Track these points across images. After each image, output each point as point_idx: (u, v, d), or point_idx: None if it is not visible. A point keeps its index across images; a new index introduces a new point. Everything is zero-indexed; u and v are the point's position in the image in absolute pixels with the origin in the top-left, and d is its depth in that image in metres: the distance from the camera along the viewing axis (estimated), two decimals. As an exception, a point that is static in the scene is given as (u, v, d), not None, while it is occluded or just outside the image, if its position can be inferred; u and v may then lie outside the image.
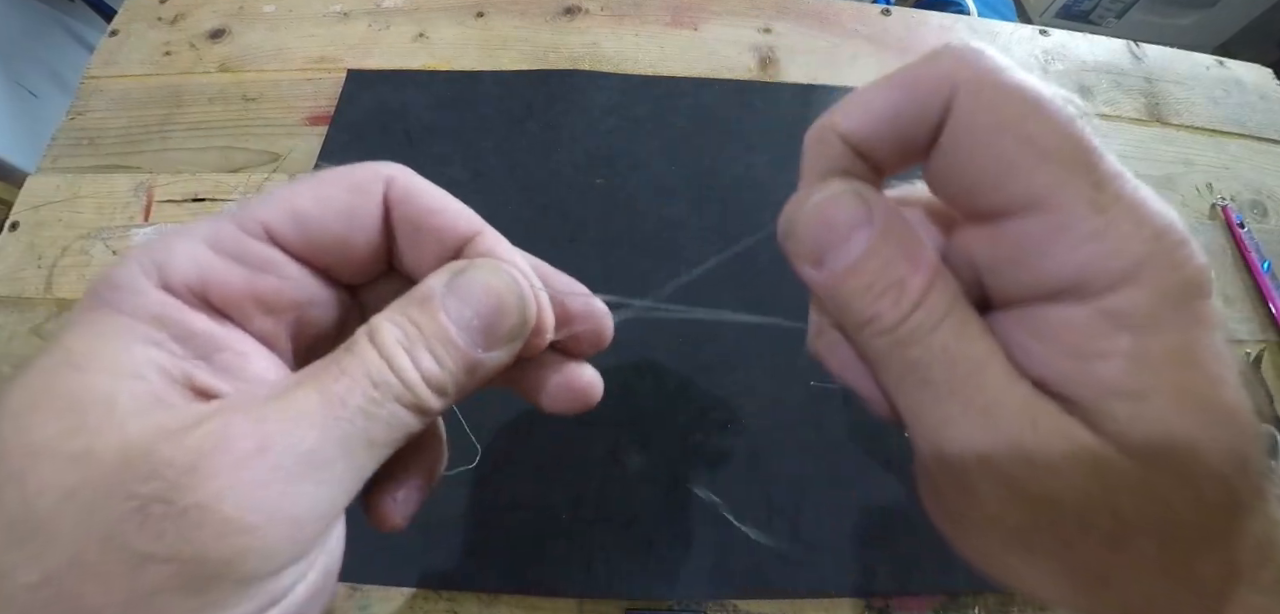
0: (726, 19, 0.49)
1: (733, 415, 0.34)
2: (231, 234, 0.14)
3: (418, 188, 0.15)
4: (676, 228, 0.39)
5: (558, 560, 0.30)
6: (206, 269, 0.13)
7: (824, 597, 0.30)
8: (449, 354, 0.13)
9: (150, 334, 0.13)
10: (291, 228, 0.14)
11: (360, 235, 0.15)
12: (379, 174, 0.15)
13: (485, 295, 0.14)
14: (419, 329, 0.13)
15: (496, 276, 0.14)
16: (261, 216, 0.14)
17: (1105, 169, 0.12)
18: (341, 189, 0.15)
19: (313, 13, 0.47)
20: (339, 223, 0.14)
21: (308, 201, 0.14)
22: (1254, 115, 0.48)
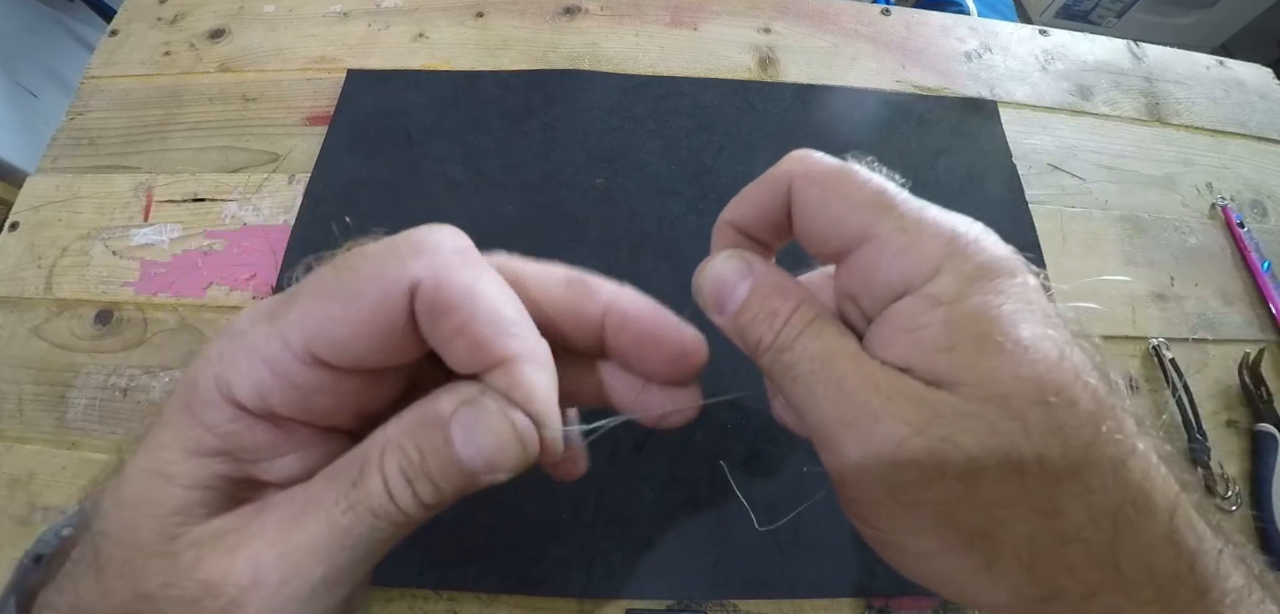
0: (726, 19, 0.49)
1: (733, 416, 0.34)
2: (283, 360, 0.15)
3: (445, 301, 0.15)
4: (676, 228, 0.39)
5: (558, 561, 0.30)
6: (267, 393, 0.15)
7: (824, 597, 0.30)
8: (449, 480, 0.15)
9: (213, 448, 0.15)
10: (332, 354, 0.15)
11: (396, 353, 0.15)
12: (402, 281, 0.15)
13: (489, 439, 0.15)
14: (423, 457, 0.15)
15: (501, 425, 0.15)
16: (303, 340, 0.15)
17: (903, 205, 0.17)
18: (369, 309, 0.15)
19: (313, 13, 0.47)
20: (370, 346, 0.15)
21: (339, 328, 0.15)
22: (1254, 115, 0.48)
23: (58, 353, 0.35)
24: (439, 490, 0.15)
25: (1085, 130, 0.46)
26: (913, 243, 0.16)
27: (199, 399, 0.15)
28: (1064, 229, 0.41)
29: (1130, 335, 0.38)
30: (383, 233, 0.16)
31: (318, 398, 0.15)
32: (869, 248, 0.16)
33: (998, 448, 0.14)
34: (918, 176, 0.42)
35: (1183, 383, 0.36)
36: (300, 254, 0.37)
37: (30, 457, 0.32)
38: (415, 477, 0.15)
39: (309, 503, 0.15)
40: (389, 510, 0.15)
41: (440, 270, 0.15)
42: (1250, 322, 0.40)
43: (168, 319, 0.36)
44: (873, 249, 0.16)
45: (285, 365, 0.15)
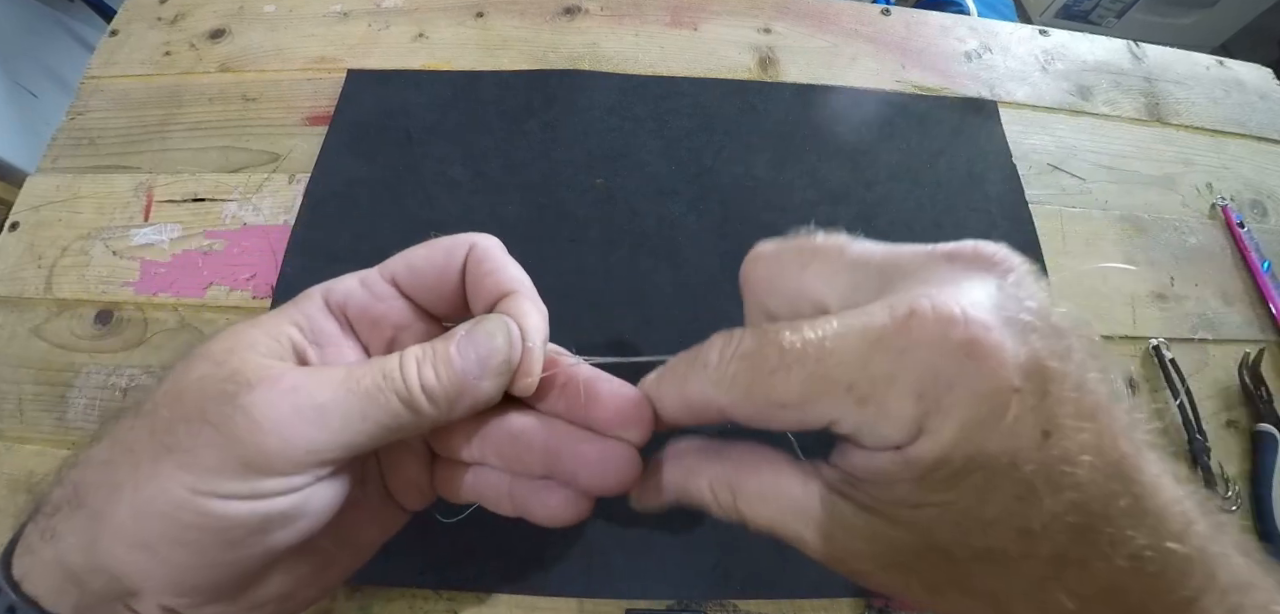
0: (726, 19, 0.49)
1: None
2: (374, 278, 0.22)
3: (486, 253, 0.21)
4: (676, 228, 0.39)
5: (558, 560, 0.30)
6: (348, 297, 0.22)
7: (824, 597, 0.30)
8: (448, 374, 0.19)
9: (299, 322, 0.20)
10: (406, 276, 0.22)
11: (446, 282, 0.22)
12: (465, 241, 0.22)
13: (485, 339, 0.19)
14: (433, 352, 0.19)
15: (497, 328, 0.20)
16: (393, 269, 0.22)
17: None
18: (440, 252, 0.22)
19: (313, 13, 0.47)
20: (433, 273, 0.22)
21: (419, 260, 0.22)
22: (1254, 115, 0.48)
23: (58, 353, 0.35)
24: (439, 377, 0.18)
25: (1085, 130, 0.46)
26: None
27: (304, 298, 0.21)
28: (1064, 229, 0.41)
29: (1130, 335, 0.38)
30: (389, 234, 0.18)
31: (378, 307, 0.22)
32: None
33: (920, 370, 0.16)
34: (918, 177, 0.42)
35: (1183, 383, 0.36)
36: (300, 254, 0.37)
37: (30, 457, 0.32)
38: (424, 360, 0.19)
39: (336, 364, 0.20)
40: (394, 375, 0.18)
41: (489, 243, 0.22)
42: (1250, 321, 0.40)
43: (168, 319, 0.36)
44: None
45: (372, 282, 0.22)
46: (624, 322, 0.36)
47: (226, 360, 0.18)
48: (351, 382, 0.18)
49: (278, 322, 0.20)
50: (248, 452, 0.17)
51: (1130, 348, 0.38)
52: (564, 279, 0.37)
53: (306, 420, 0.17)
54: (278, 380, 0.17)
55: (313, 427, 0.17)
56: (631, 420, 0.20)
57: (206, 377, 0.18)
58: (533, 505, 0.22)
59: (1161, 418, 0.36)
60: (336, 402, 0.17)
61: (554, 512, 0.22)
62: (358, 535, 0.23)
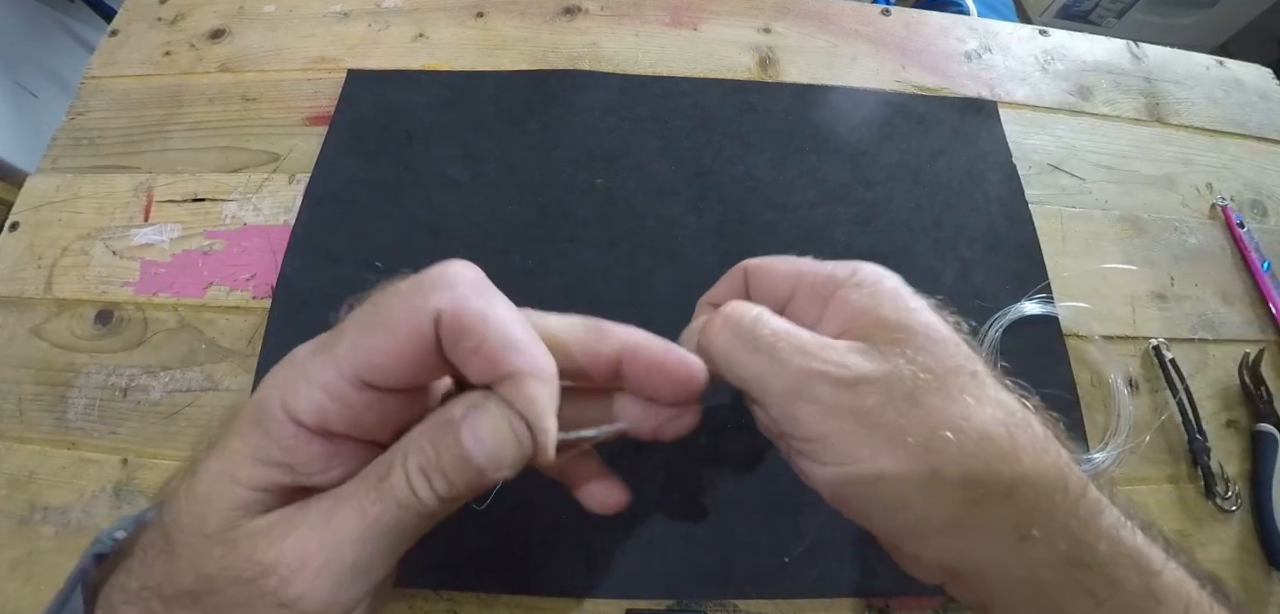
0: (726, 19, 0.49)
1: (733, 416, 0.33)
2: (337, 384, 0.18)
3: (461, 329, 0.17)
4: (676, 228, 0.39)
5: (558, 561, 0.30)
6: (323, 413, 0.18)
7: (824, 597, 0.30)
8: (460, 474, 0.18)
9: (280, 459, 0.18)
10: (374, 376, 0.18)
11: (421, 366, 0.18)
12: (428, 313, 0.17)
13: (491, 436, 0.18)
14: (438, 455, 0.18)
15: (502, 424, 0.18)
16: (352, 367, 0.17)
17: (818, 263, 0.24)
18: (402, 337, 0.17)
19: (313, 13, 0.47)
20: (406, 368, 0.18)
21: (379, 357, 0.18)
22: (1254, 115, 0.48)
23: (58, 353, 0.35)
24: (451, 483, 0.18)
25: (1085, 130, 0.46)
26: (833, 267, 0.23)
27: (267, 416, 0.18)
28: (1064, 229, 0.41)
29: (1130, 335, 0.38)
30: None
31: (366, 415, 0.18)
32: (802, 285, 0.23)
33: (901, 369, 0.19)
34: (918, 176, 0.42)
35: (1183, 383, 0.36)
36: (300, 254, 0.37)
37: (30, 457, 0.32)
38: (431, 471, 0.17)
39: (344, 498, 0.18)
40: (410, 501, 0.17)
41: (459, 301, 0.17)
42: (1250, 321, 0.40)
43: (168, 319, 0.36)
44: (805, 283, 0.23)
45: (339, 389, 0.17)
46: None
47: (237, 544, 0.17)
48: (371, 523, 0.17)
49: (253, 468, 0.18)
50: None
51: (1130, 348, 0.38)
52: (564, 279, 0.37)
53: (346, 584, 0.17)
54: (307, 565, 0.17)
55: (353, 583, 0.18)
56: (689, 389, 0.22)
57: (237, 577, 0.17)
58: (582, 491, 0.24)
59: (1161, 418, 0.36)
60: (365, 553, 0.18)
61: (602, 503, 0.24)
62: None
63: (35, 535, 0.30)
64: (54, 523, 0.31)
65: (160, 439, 0.33)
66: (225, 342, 0.35)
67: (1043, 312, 0.38)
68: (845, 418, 0.19)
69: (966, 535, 0.18)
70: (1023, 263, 0.40)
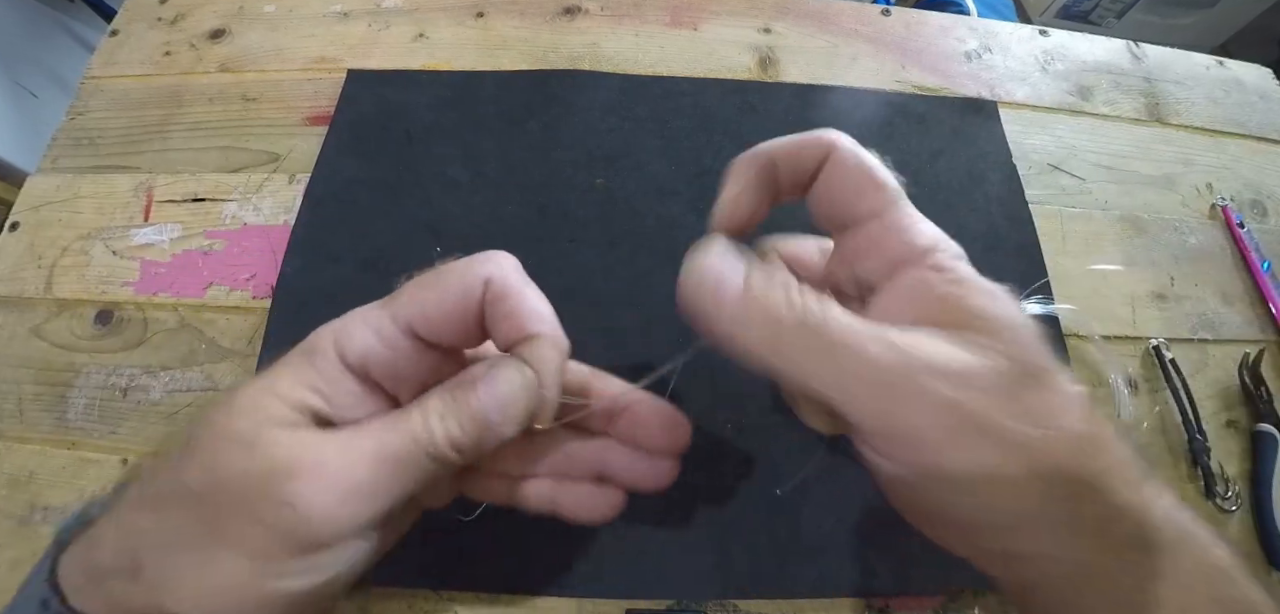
0: (726, 19, 0.49)
1: (733, 416, 0.34)
2: (389, 330, 0.20)
3: (504, 289, 0.21)
4: (676, 228, 0.39)
5: (558, 560, 0.30)
6: (367, 355, 0.20)
7: (824, 597, 0.30)
8: (471, 424, 0.20)
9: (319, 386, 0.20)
10: (424, 327, 0.21)
11: (466, 323, 0.21)
12: (479, 274, 0.21)
13: (505, 388, 0.20)
14: (455, 404, 0.20)
15: (516, 375, 0.20)
16: (407, 316, 0.21)
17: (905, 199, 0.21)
18: (455, 294, 0.21)
19: (313, 13, 0.47)
20: (453, 320, 0.21)
21: (434, 305, 0.21)
22: (1254, 115, 0.48)
23: (58, 353, 0.35)
24: (463, 427, 0.19)
25: (1085, 130, 0.46)
26: (914, 228, 0.21)
27: (317, 350, 0.20)
28: (1064, 229, 0.41)
29: (1130, 335, 0.38)
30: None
31: (404, 364, 0.21)
32: (876, 225, 0.21)
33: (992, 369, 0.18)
34: (918, 176, 0.42)
35: (1183, 383, 0.36)
36: (300, 254, 0.37)
37: (30, 456, 0.32)
38: (447, 414, 0.20)
39: (365, 427, 0.20)
40: (422, 436, 0.19)
41: (506, 272, 0.21)
42: (1250, 322, 0.40)
43: (168, 319, 0.36)
44: (879, 227, 0.21)
45: (389, 335, 0.20)
46: (624, 321, 0.36)
47: (257, 445, 0.18)
48: (384, 451, 0.19)
49: (295, 388, 0.20)
50: (301, 540, 0.18)
51: (1130, 348, 0.38)
52: (564, 279, 0.37)
53: (350, 501, 0.18)
54: (318, 470, 0.18)
55: (356, 504, 0.19)
56: (678, 443, 0.24)
57: (246, 471, 0.18)
58: (574, 509, 0.25)
59: (1161, 418, 0.36)
60: (373, 476, 0.19)
61: (599, 512, 0.24)
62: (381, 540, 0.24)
63: (35, 535, 0.30)
64: (54, 523, 0.31)
65: (160, 439, 0.33)
66: (225, 341, 0.35)
67: (1043, 311, 0.38)
68: (949, 415, 0.17)
69: (1053, 529, 0.18)
70: (1023, 263, 0.40)
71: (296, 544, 0.18)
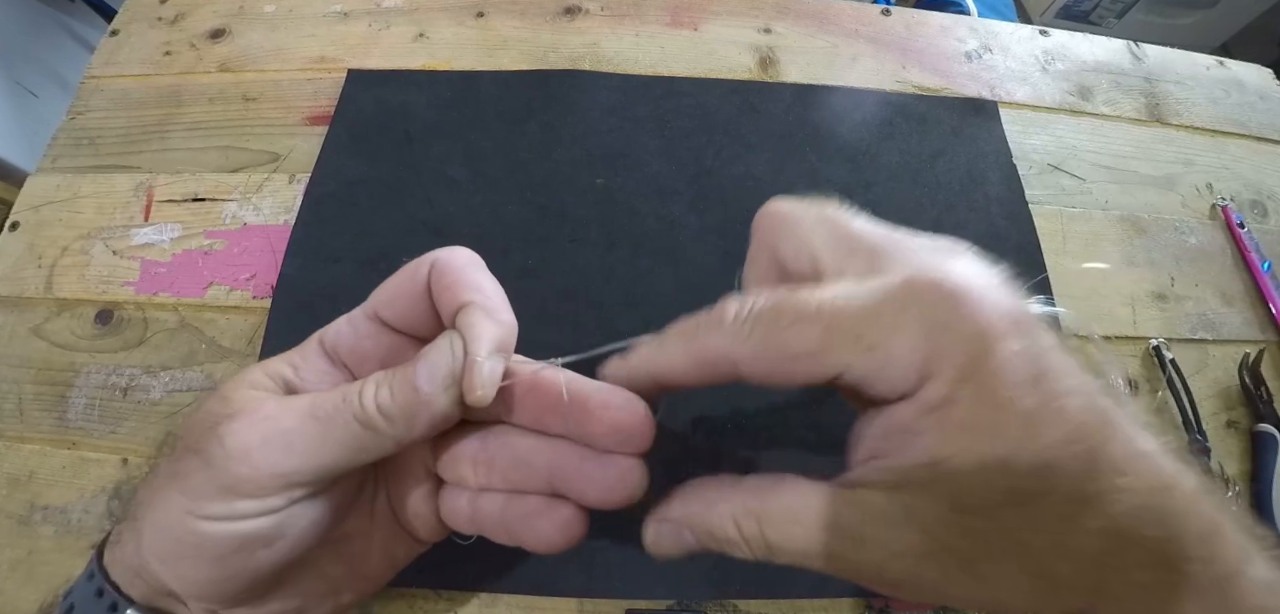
0: (726, 19, 0.49)
1: (732, 416, 0.34)
2: (358, 317, 0.23)
3: (445, 268, 0.21)
4: (676, 228, 0.39)
5: (558, 560, 0.30)
6: (339, 338, 0.23)
7: (824, 597, 0.30)
8: (400, 390, 0.20)
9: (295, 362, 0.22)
10: (386, 311, 0.23)
11: (418, 305, 0.22)
12: (427, 259, 0.22)
13: (432, 353, 0.20)
14: (391, 375, 0.20)
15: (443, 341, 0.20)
16: (374, 303, 0.23)
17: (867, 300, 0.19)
18: (406, 277, 0.22)
19: (313, 13, 0.47)
20: (405, 300, 0.22)
21: (391, 290, 0.23)
22: (1254, 115, 0.48)
23: (58, 352, 0.35)
24: (392, 394, 0.20)
25: (1085, 130, 0.46)
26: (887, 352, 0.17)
27: (308, 341, 0.23)
28: (1064, 229, 0.41)
29: (1130, 335, 0.38)
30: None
31: (364, 343, 0.23)
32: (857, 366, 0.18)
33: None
34: (918, 177, 0.42)
35: (1183, 383, 0.36)
36: (300, 254, 0.37)
37: (30, 456, 0.32)
38: (381, 382, 0.20)
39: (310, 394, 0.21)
40: (352, 398, 0.20)
41: (452, 255, 0.22)
42: (1250, 322, 0.40)
43: (168, 319, 0.36)
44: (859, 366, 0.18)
45: (358, 321, 0.23)
46: (624, 321, 0.36)
47: (226, 396, 0.20)
48: (314, 408, 0.20)
49: (275, 362, 0.22)
50: (224, 477, 0.19)
51: (1130, 348, 0.38)
52: (564, 279, 0.37)
53: (272, 447, 0.19)
54: (253, 411, 0.19)
55: (278, 452, 0.19)
56: (630, 433, 0.21)
57: (207, 414, 0.20)
58: (524, 533, 0.22)
59: (1161, 418, 0.36)
60: (299, 428, 0.19)
61: (547, 538, 0.22)
62: (367, 563, 0.24)
63: (35, 535, 0.30)
64: (54, 523, 0.31)
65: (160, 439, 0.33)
66: (225, 341, 0.35)
67: (1042, 312, 0.38)
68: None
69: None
70: (1023, 263, 0.40)
71: (221, 483, 0.18)
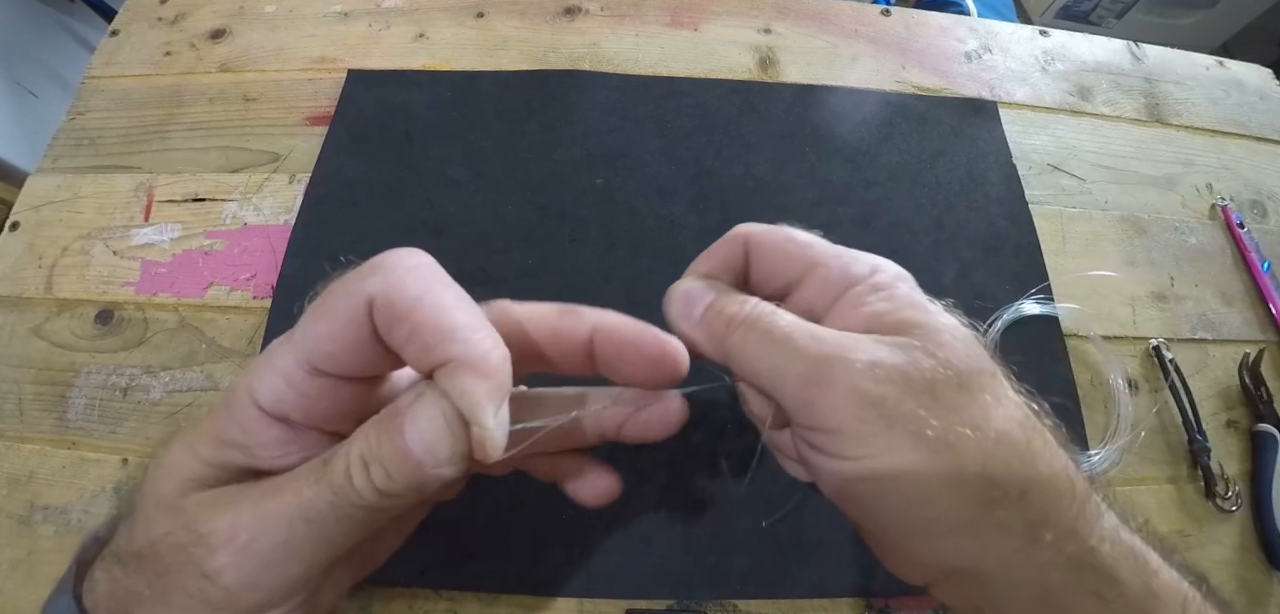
0: (726, 19, 0.49)
1: (733, 416, 0.34)
2: (294, 371, 0.18)
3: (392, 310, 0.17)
4: (676, 228, 0.39)
5: (558, 560, 0.30)
6: (281, 399, 0.18)
7: (824, 597, 0.30)
8: (399, 467, 0.17)
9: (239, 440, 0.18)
10: (324, 363, 0.18)
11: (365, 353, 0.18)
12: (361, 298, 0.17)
13: (428, 427, 0.17)
14: (380, 445, 0.17)
15: (436, 413, 0.17)
16: (305, 353, 0.18)
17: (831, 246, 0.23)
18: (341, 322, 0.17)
19: (313, 13, 0.47)
20: (350, 355, 0.18)
21: (325, 342, 0.17)
22: (1254, 115, 0.48)
23: (58, 352, 0.35)
24: (390, 476, 0.17)
25: (1085, 130, 0.46)
26: (851, 260, 0.22)
27: (235, 400, 0.18)
28: (1064, 229, 0.41)
29: (1130, 335, 0.38)
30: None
31: (321, 403, 0.18)
32: (815, 274, 0.22)
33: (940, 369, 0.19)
34: (918, 177, 0.42)
35: (1183, 383, 0.36)
36: (300, 254, 0.37)
37: (30, 456, 0.32)
38: (371, 460, 0.17)
39: (286, 481, 0.18)
40: (345, 489, 0.17)
41: (391, 286, 0.17)
42: (1250, 322, 0.40)
43: (168, 319, 0.36)
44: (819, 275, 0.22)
45: (294, 376, 0.18)
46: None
47: (180, 512, 0.18)
48: (301, 512, 0.17)
49: (214, 445, 0.18)
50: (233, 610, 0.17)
51: (1130, 348, 0.38)
52: (564, 279, 0.37)
53: (273, 568, 0.17)
54: (235, 538, 0.17)
55: (277, 569, 0.17)
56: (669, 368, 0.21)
57: (172, 539, 0.17)
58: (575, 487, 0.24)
59: (1161, 418, 0.36)
60: (291, 537, 0.17)
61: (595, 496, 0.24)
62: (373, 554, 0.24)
63: (35, 535, 0.30)
64: (54, 523, 0.31)
65: (160, 439, 0.33)
66: (225, 341, 0.35)
67: (1043, 312, 0.38)
68: (865, 407, 0.18)
69: (979, 535, 0.18)
70: (1023, 263, 0.40)
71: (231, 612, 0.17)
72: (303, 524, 0.17)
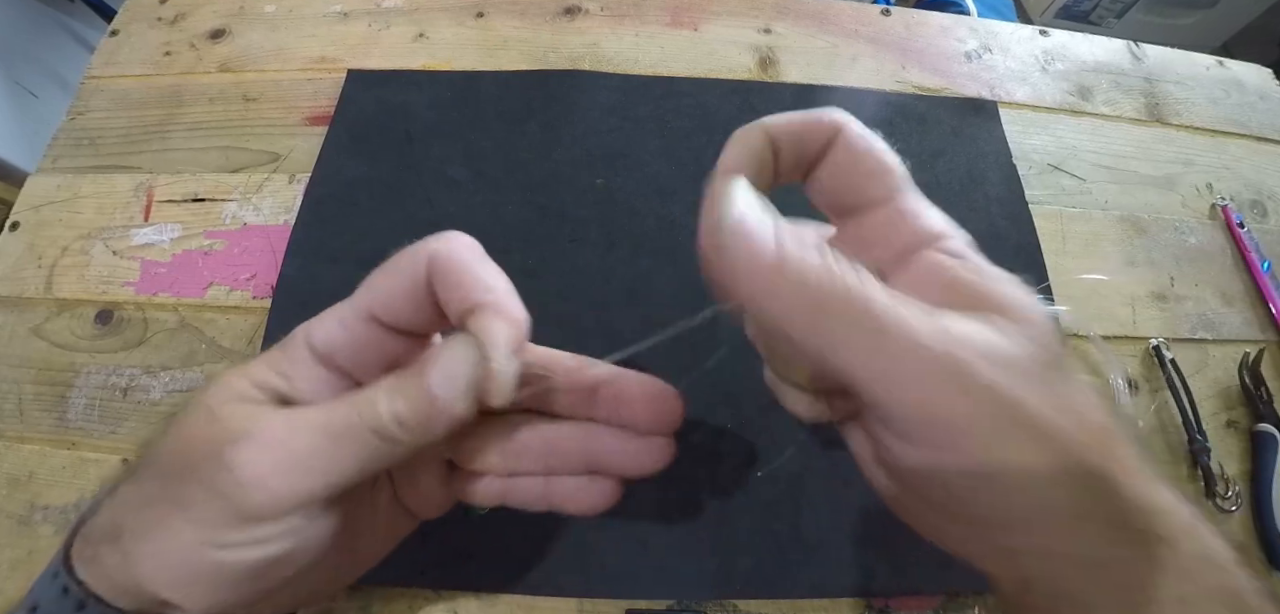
0: (726, 19, 0.49)
1: (732, 416, 0.34)
2: (350, 318, 0.21)
3: (446, 264, 0.20)
4: (676, 228, 0.39)
5: (558, 560, 0.30)
6: (332, 344, 0.21)
7: (824, 597, 0.30)
8: (417, 400, 0.19)
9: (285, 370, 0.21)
10: (382, 312, 0.21)
11: (417, 303, 0.21)
12: (423, 253, 0.20)
13: (449, 361, 0.19)
14: (404, 381, 0.19)
15: (460, 347, 0.19)
16: (366, 302, 0.21)
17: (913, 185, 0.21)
18: (402, 274, 0.20)
19: (313, 13, 0.47)
20: (402, 299, 0.21)
21: (385, 288, 0.21)
22: (1254, 115, 0.48)
23: (58, 353, 0.35)
24: (409, 405, 0.19)
25: (1085, 130, 0.46)
26: (925, 214, 0.20)
27: (291, 341, 0.21)
28: (1064, 229, 0.41)
29: (1130, 335, 0.38)
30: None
31: (366, 353, 0.21)
32: (884, 211, 0.20)
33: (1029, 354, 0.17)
34: (918, 177, 0.42)
35: (1183, 383, 0.36)
36: (300, 254, 0.37)
37: (30, 456, 0.32)
38: (394, 391, 0.19)
39: (318, 405, 0.20)
40: (368, 411, 0.19)
41: (450, 250, 0.20)
42: (1250, 322, 0.40)
43: (168, 319, 0.36)
44: (888, 213, 0.20)
45: (350, 322, 0.21)
46: (624, 321, 0.36)
47: (216, 414, 0.19)
48: (327, 425, 0.19)
49: (261, 369, 0.20)
50: (239, 507, 0.18)
51: (1130, 348, 0.38)
52: (564, 279, 0.37)
53: (287, 471, 0.18)
54: (258, 435, 0.18)
55: (294, 475, 0.18)
56: (667, 419, 0.23)
57: (200, 435, 0.19)
58: (568, 505, 0.24)
59: (1161, 418, 0.36)
60: (314, 447, 0.18)
61: (592, 505, 0.24)
62: (368, 549, 0.24)
63: (35, 535, 0.30)
64: (54, 523, 0.31)
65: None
66: (225, 341, 0.35)
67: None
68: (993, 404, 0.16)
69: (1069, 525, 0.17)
70: (1023, 263, 0.40)
71: (236, 513, 0.18)
72: (325, 437, 0.19)
